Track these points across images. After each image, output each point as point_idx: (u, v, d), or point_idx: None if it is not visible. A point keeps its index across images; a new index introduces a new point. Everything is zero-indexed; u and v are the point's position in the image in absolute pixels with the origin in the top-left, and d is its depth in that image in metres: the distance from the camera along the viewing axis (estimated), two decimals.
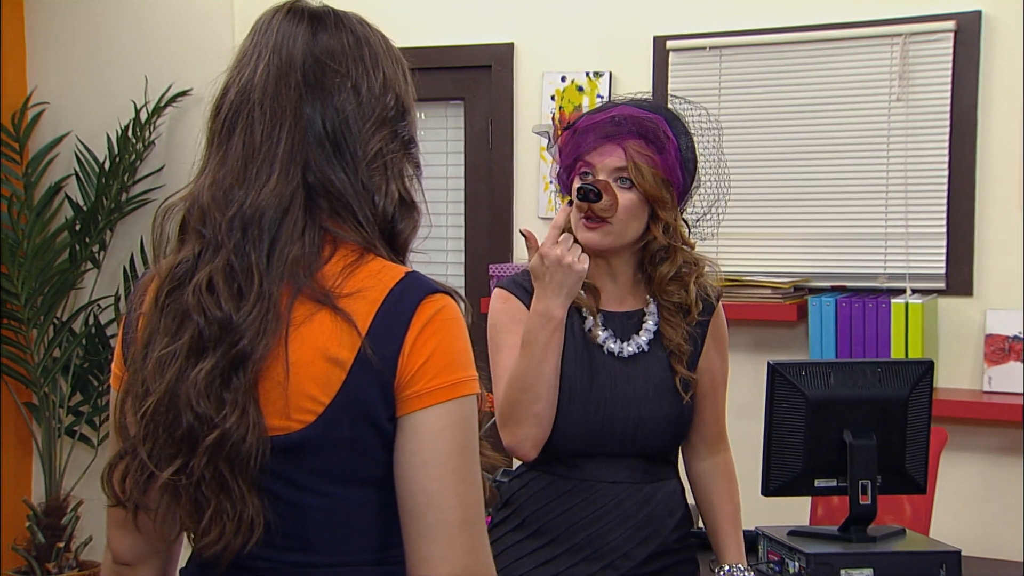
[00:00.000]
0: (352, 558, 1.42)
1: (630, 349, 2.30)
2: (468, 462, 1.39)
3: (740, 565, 2.35)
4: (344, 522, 1.41)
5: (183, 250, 1.42)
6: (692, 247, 2.33)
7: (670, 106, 2.36)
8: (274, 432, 1.38)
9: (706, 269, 2.35)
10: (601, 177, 2.24)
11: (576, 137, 2.28)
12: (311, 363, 1.37)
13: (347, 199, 1.42)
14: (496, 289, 2.37)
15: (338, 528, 1.41)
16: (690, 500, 2.44)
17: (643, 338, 2.31)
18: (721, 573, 2.35)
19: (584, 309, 2.30)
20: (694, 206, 2.40)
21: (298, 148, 1.41)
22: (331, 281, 1.39)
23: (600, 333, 2.29)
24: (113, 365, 1.52)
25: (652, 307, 2.33)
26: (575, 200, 2.24)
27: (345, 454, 1.39)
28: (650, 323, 2.32)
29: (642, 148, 2.23)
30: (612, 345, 2.29)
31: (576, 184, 2.26)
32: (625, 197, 2.23)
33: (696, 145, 2.33)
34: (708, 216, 2.40)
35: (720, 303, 2.40)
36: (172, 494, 1.40)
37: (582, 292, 2.28)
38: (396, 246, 1.47)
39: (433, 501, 1.36)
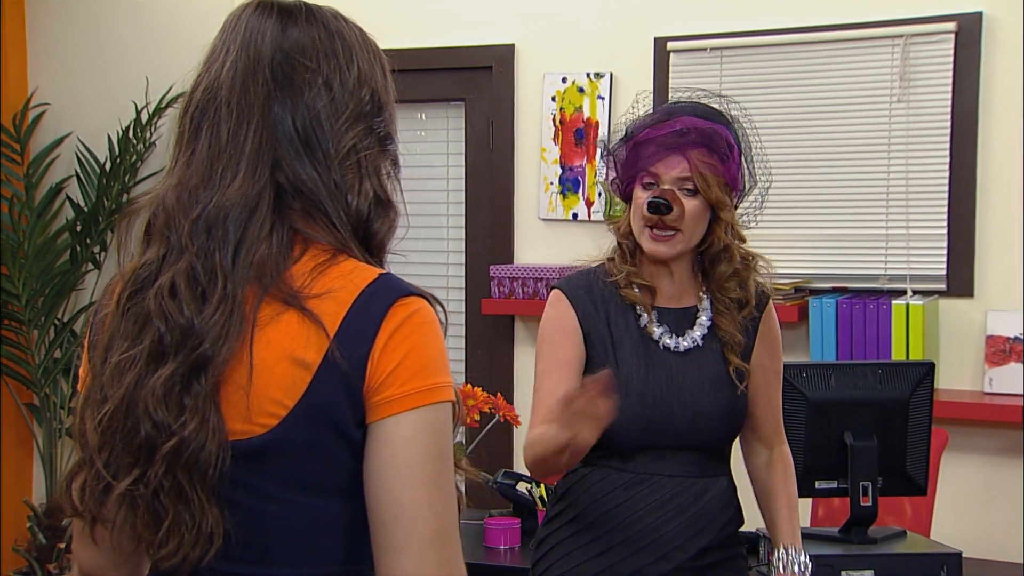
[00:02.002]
0: (316, 571, 1.36)
1: (686, 344, 2.33)
2: (441, 471, 1.32)
3: (795, 547, 2.35)
4: (308, 533, 1.35)
5: (147, 252, 1.37)
6: (745, 242, 2.38)
7: (717, 106, 2.38)
8: (235, 436, 1.32)
9: (760, 264, 2.39)
10: (666, 187, 2.27)
11: (637, 148, 2.31)
12: (276, 365, 1.32)
13: (319, 198, 1.37)
14: (553, 290, 2.40)
15: (301, 539, 1.35)
16: (742, 501, 2.44)
17: (697, 332, 2.35)
18: (776, 554, 2.35)
19: (639, 306, 2.33)
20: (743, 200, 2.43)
21: (266, 147, 1.36)
22: (300, 281, 1.34)
23: (656, 329, 2.33)
24: (80, 369, 1.47)
25: (706, 303, 2.37)
26: (645, 213, 2.27)
27: (309, 460, 1.32)
28: (704, 318, 2.35)
29: (706, 157, 2.27)
30: (668, 340, 2.33)
31: (645, 196, 2.28)
32: (690, 204, 2.27)
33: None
34: (753, 208, 2.43)
35: (771, 303, 2.41)
36: (130, 505, 1.34)
37: (636, 289, 2.33)
38: (371, 246, 1.41)
39: (404, 511, 1.30)
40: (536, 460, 2.24)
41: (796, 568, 2.33)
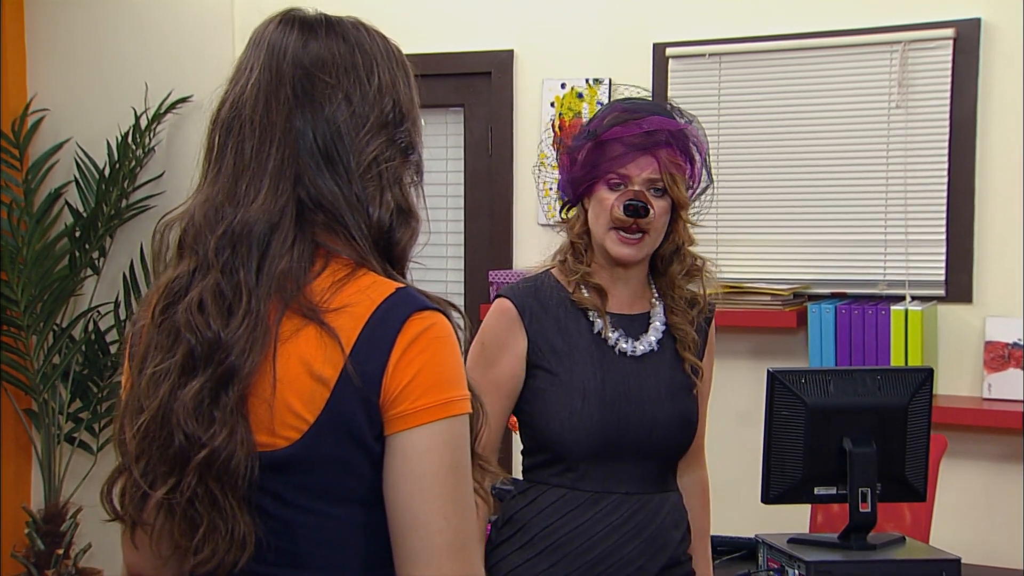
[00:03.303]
0: (343, 575, 1.40)
1: (641, 348, 2.30)
2: (457, 484, 1.36)
3: None
4: (334, 539, 1.39)
5: (179, 266, 1.42)
6: (694, 243, 2.35)
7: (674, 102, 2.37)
8: (261, 448, 1.37)
9: (707, 265, 2.36)
10: (637, 188, 2.24)
11: (602, 147, 2.26)
12: (296, 379, 1.36)
13: (340, 212, 1.40)
14: (497, 299, 2.34)
15: (328, 545, 1.39)
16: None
17: (652, 336, 2.31)
18: None
19: (591, 311, 2.29)
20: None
21: (288, 162, 1.40)
22: (319, 296, 1.38)
23: (611, 334, 2.29)
24: (123, 377, 1.51)
25: (659, 308, 2.34)
26: (621, 216, 2.23)
27: (331, 472, 1.37)
28: (658, 323, 2.33)
29: (673, 157, 2.24)
30: (624, 345, 2.29)
31: (614, 197, 2.24)
32: (659, 205, 2.25)
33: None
34: (703, 207, 2.41)
35: (712, 322, 2.42)
36: (167, 512, 1.40)
37: (584, 292, 2.29)
38: (393, 255, 1.44)
39: (419, 523, 1.34)
40: None
41: None
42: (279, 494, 1.39)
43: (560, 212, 2.43)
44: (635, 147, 2.23)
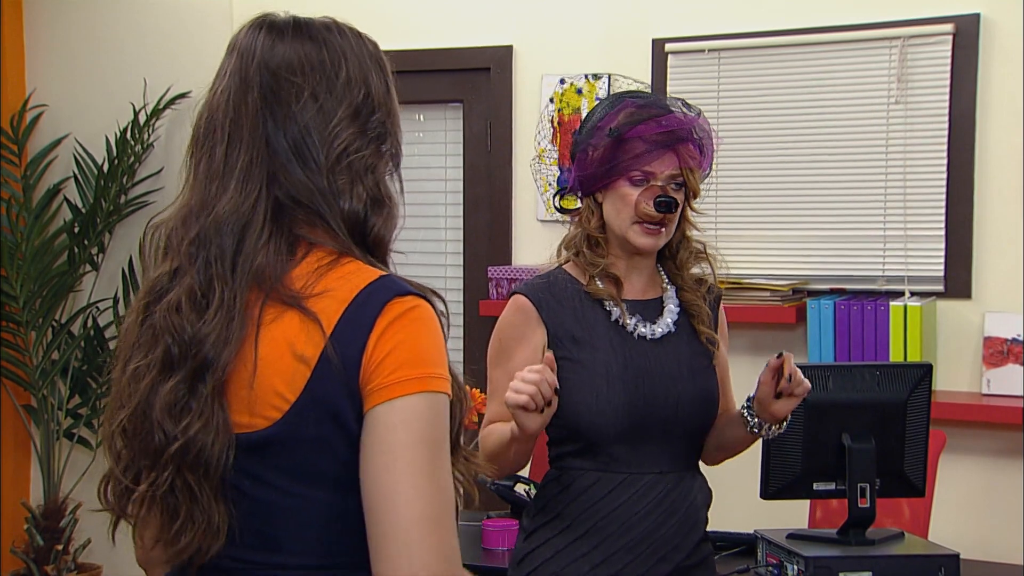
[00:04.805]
0: (323, 560, 1.41)
1: (660, 330, 2.35)
2: (430, 457, 1.35)
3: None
4: (309, 522, 1.41)
5: (162, 265, 1.46)
6: (694, 228, 2.42)
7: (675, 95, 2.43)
8: (240, 429, 1.39)
9: (710, 248, 2.43)
10: (660, 183, 2.30)
11: (622, 145, 2.30)
12: (279, 358, 1.38)
13: (316, 204, 1.43)
14: (512, 295, 2.38)
15: (306, 529, 1.41)
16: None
17: (669, 319, 2.37)
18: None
19: (607, 301, 2.34)
20: None
21: (257, 162, 1.43)
22: (300, 283, 1.41)
23: (629, 320, 2.34)
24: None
25: (671, 292, 2.40)
26: (651, 211, 2.28)
27: (311, 453, 1.39)
28: (671, 305, 2.38)
29: (691, 152, 2.32)
30: (642, 328, 2.34)
31: (639, 192, 2.29)
32: (678, 198, 2.32)
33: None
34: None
35: (721, 304, 2.47)
36: (149, 503, 1.43)
37: (598, 283, 2.34)
38: (369, 242, 1.46)
39: (389, 495, 1.33)
40: (488, 455, 2.26)
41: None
42: (257, 475, 1.40)
43: (554, 200, 2.47)
44: (658, 145, 2.29)
